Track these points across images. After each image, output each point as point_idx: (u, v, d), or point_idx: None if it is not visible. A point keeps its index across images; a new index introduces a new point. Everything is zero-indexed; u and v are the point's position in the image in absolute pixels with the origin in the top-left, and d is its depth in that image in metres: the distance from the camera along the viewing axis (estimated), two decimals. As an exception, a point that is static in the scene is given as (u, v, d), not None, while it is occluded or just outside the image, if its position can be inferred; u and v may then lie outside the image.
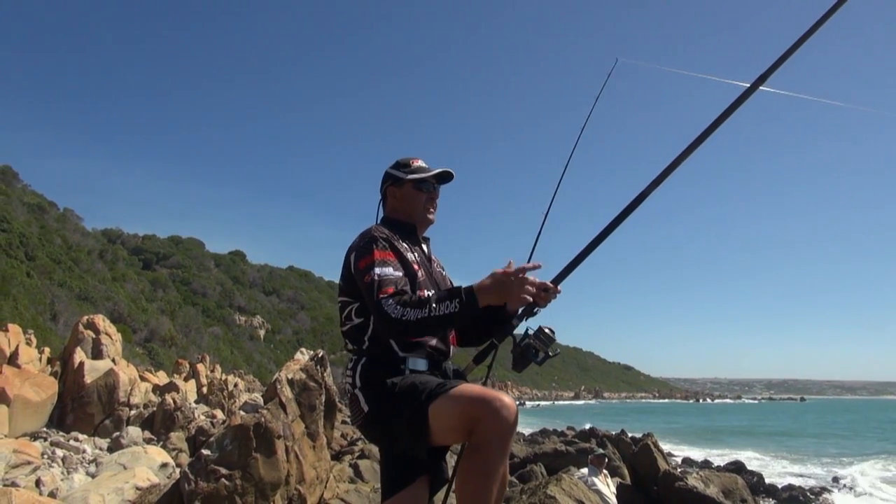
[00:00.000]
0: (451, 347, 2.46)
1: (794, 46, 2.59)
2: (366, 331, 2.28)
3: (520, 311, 2.46)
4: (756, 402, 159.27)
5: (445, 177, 2.56)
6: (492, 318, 2.52)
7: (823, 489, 16.84)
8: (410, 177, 2.48)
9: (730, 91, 2.60)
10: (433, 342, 2.35)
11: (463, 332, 2.57)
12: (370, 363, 2.25)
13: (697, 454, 24.44)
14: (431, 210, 2.54)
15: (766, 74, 2.55)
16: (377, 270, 2.17)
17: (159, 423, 11.80)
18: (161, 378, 17.49)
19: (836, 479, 18.52)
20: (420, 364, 2.28)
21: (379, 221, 2.53)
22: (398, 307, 2.08)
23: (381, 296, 2.11)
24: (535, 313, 2.41)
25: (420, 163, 2.55)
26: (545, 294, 2.42)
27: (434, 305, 2.08)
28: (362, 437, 15.06)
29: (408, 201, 2.49)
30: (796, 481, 17.64)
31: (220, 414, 14.70)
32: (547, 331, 2.37)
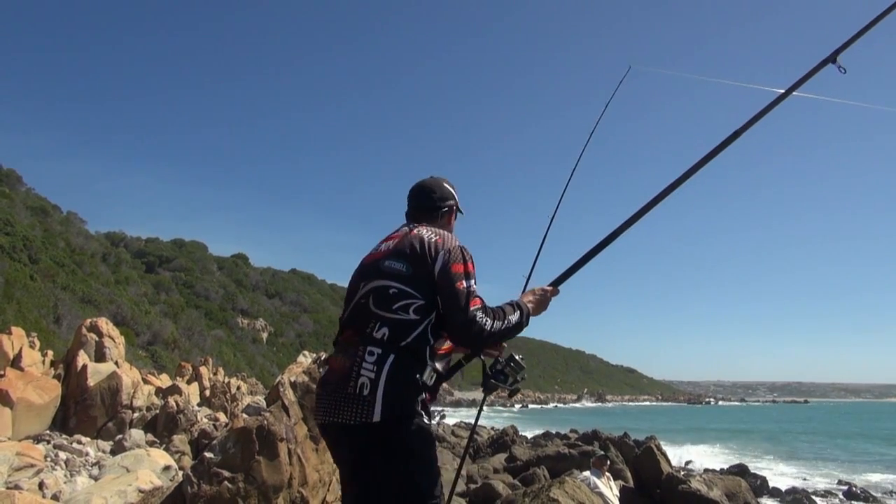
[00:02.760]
0: None
1: (817, 65, 2.75)
2: (413, 330, 2.18)
3: None
4: (760, 404, 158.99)
5: None
6: None
7: (828, 492, 16.79)
8: (460, 209, 2.71)
9: (751, 94, 2.68)
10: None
11: None
12: (400, 360, 2.14)
13: (701, 457, 24.37)
14: None
15: (797, 84, 2.77)
16: (472, 282, 2.27)
17: (162, 426, 11.80)
18: (164, 381, 17.47)
19: (840, 483, 18.45)
20: (437, 372, 2.29)
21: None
22: (487, 319, 2.21)
23: (474, 307, 2.20)
24: None
25: None
26: None
27: (509, 317, 2.28)
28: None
29: (453, 227, 2.65)
30: (800, 484, 17.58)
31: (222, 417, 14.68)
32: (518, 358, 2.47)
